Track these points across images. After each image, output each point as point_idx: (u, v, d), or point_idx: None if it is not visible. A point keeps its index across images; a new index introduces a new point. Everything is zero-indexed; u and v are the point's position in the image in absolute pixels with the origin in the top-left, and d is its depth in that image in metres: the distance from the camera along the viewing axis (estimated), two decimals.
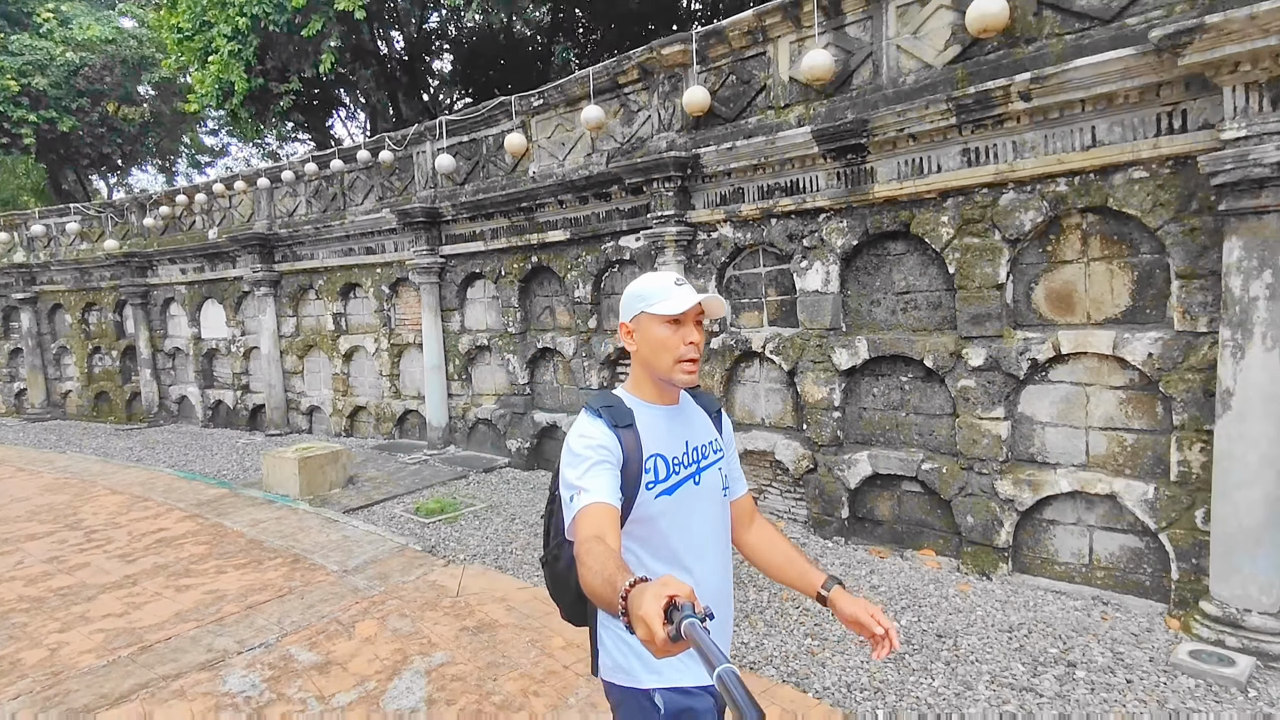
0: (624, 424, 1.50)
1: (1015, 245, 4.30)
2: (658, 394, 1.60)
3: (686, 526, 1.56)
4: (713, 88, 5.68)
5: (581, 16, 16.46)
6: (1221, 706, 3.05)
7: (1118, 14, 3.80)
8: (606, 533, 1.31)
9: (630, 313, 1.58)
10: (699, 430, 1.66)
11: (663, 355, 1.52)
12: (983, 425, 4.49)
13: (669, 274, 1.58)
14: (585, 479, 1.40)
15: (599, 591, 1.16)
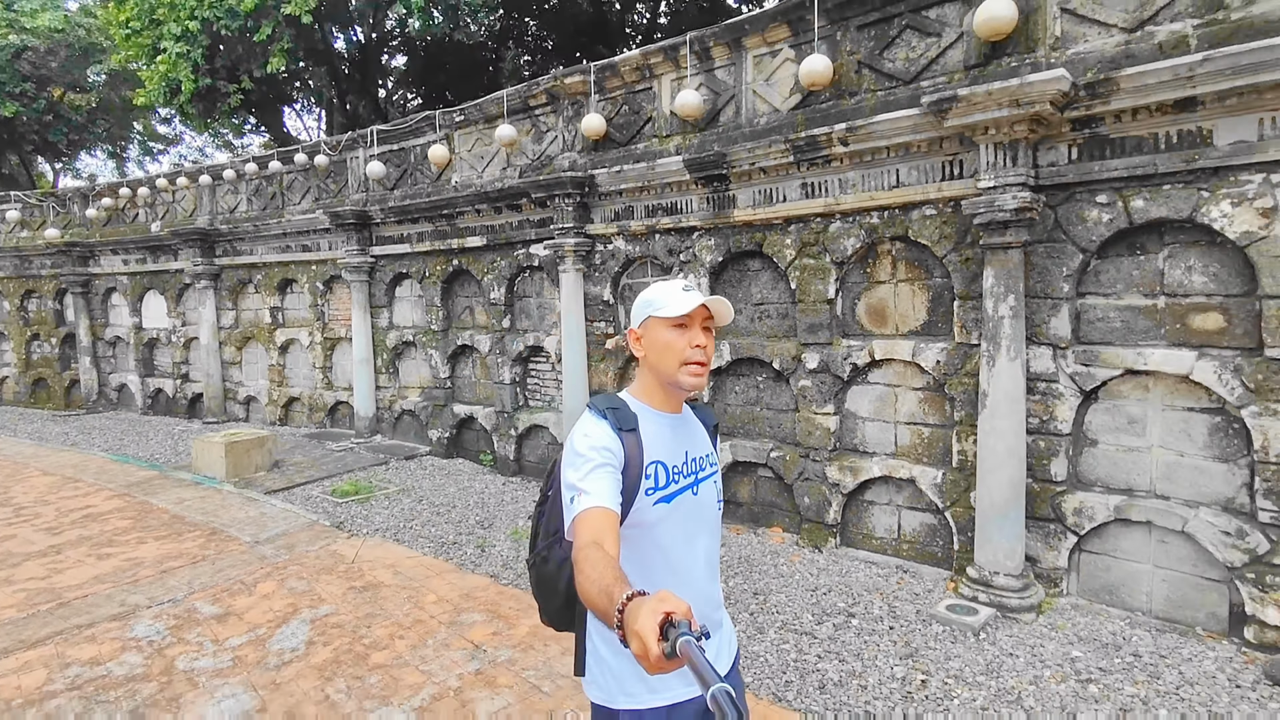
0: (628, 427, 1.51)
1: (841, 267, 5.04)
2: (663, 401, 1.61)
3: (681, 536, 1.56)
4: (609, 115, 6.34)
5: (531, 24, 17.01)
6: (954, 645, 3.80)
7: (915, 77, 4.56)
8: (606, 538, 1.31)
9: (639, 319, 1.60)
10: (698, 442, 1.67)
11: (669, 358, 1.53)
12: (817, 419, 5.23)
13: (678, 281, 1.62)
14: (587, 481, 1.40)
15: (596, 601, 1.16)
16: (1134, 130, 3.74)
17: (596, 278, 6.60)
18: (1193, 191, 3.63)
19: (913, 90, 4.55)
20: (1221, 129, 3.51)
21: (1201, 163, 3.57)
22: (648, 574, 1.52)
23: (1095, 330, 4.10)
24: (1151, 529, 3.95)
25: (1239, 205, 3.50)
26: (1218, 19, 3.51)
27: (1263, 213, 3.45)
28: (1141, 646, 3.70)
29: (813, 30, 4.90)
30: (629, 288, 6.53)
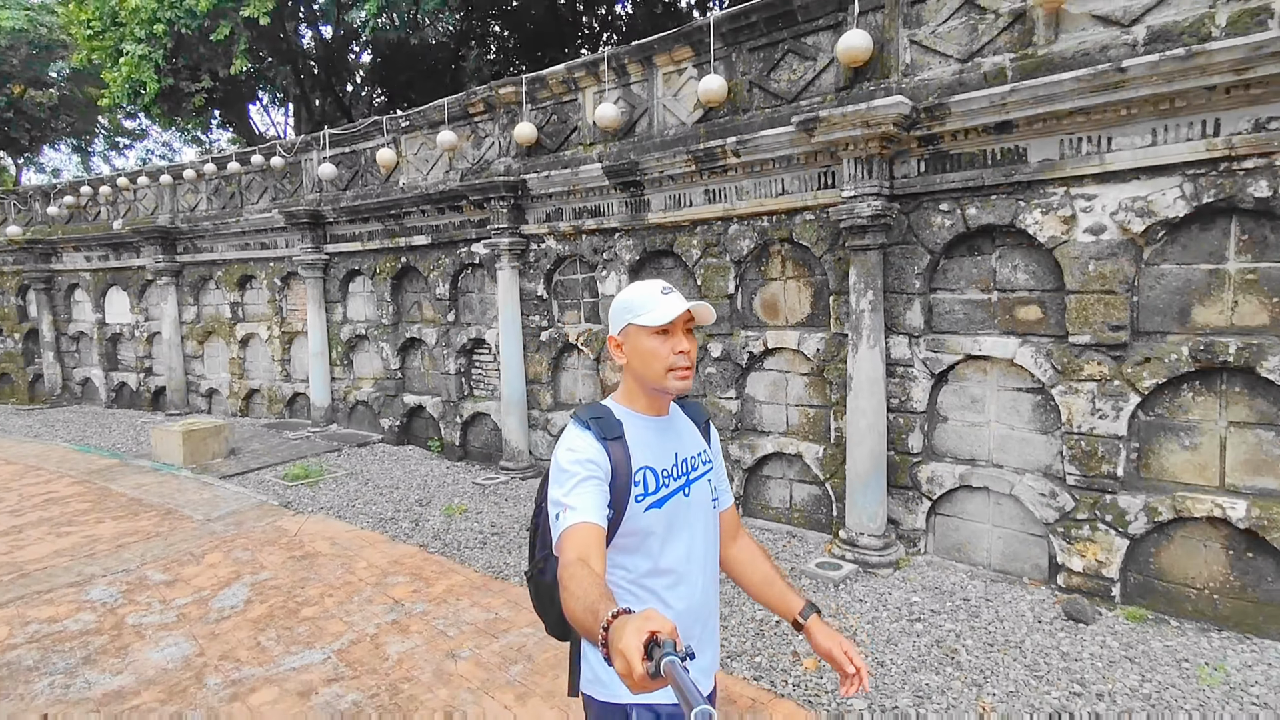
0: (613, 436, 1.49)
1: (739, 265, 5.59)
2: (648, 405, 1.59)
3: (676, 539, 1.55)
4: (540, 124, 6.84)
5: (493, 25, 17.38)
6: (814, 594, 4.37)
7: (795, 97, 5.11)
8: (591, 555, 1.31)
9: (618, 325, 1.57)
10: (688, 442, 1.65)
11: (654, 365, 1.51)
12: (721, 403, 5.79)
13: (655, 283, 1.57)
14: (571, 496, 1.39)
15: (580, 619, 1.16)
16: (967, 148, 4.33)
17: (531, 274, 7.11)
18: (1013, 201, 4.22)
19: (793, 109, 5.11)
20: (1033, 148, 4.10)
21: (1018, 177, 4.16)
22: (644, 580, 1.51)
23: (943, 321, 4.69)
24: (989, 493, 4.56)
25: (1047, 214, 4.10)
26: (1029, 54, 4.10)
27: (1064, 220, 4.05)
28: (973, 593, 4.30)
29: (710, 52, 5.44)
30: (561, 284, 7.04)
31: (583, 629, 1.17)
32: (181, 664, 3.65)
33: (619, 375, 6.07)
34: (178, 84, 12.81)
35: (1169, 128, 3.65)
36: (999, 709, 3.13)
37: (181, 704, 3.29)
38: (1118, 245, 3.89)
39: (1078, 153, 3.94)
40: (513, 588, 4.51)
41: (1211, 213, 3.66)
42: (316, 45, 16.41)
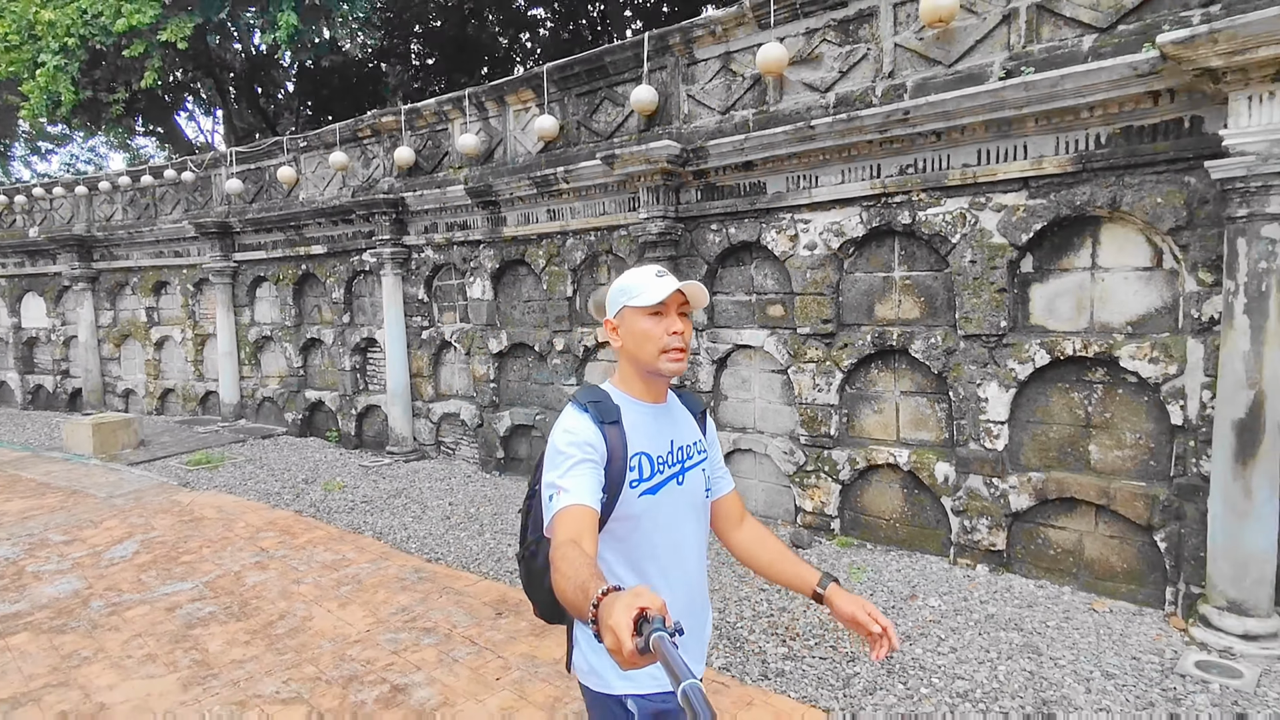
0: (610, 420, 1.50)
1: (575, 272, 6.67)
2: (645, 390, 1.60)
3: (668, 526, 1.56)
4: (418, 149, 7.82)
5: (414, 44, 18.22)
6: None
7: (609, 135, 6.23)
8: (583, 537, 1.31)
9: (614, 308, 1.59)
10: (684, 430, 1.66)
11: (647, 346, 1.52)
12: (564, 389, 6.85)
13: (650, 267, 1.59)
14: (566, 478, 1.39)
15: (571, 598, 1.17)
16: (726, 181, 5.49)
17: (413, 280, 8.06)
18: (758, 224, 5.40)
19: (608, 145, 6.22)
20: (769, 183, 5.28)
21: (760, 204, 5.34)
22: (636, 565, 1.53)
23: (721, 318, 5.85)
24: (754, 454, 5.72)
25: (780, 234, 5.29)
26: (764, 109, 5.28)
27: (790, 238, 5.24)
28: None
29: (545, 95, 6.52)
30: (439, 288, 8.02)
31: (573, 607, 1.17)
32: (71, 595, 4.51)
33: (484, 369, 7.04)
34: (96, 95, 13.30)
35: (850, 170, 4.86)
36: None
37: (68, 619, 4.16)
38: (825, 258, 5.09)
39: (797, 187, 5.13)
40: (364, 539, 5.47)
41: (880, 234, 4.88)
42: (239, 59, 16.98)
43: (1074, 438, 4.28)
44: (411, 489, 6.82)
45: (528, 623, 3.98)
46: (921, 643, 3.66)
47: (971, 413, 4.52)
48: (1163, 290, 3.93)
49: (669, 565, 1.56)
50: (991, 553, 4.51)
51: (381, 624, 4.02)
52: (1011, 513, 4.42)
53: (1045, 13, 4.09)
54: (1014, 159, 4.19)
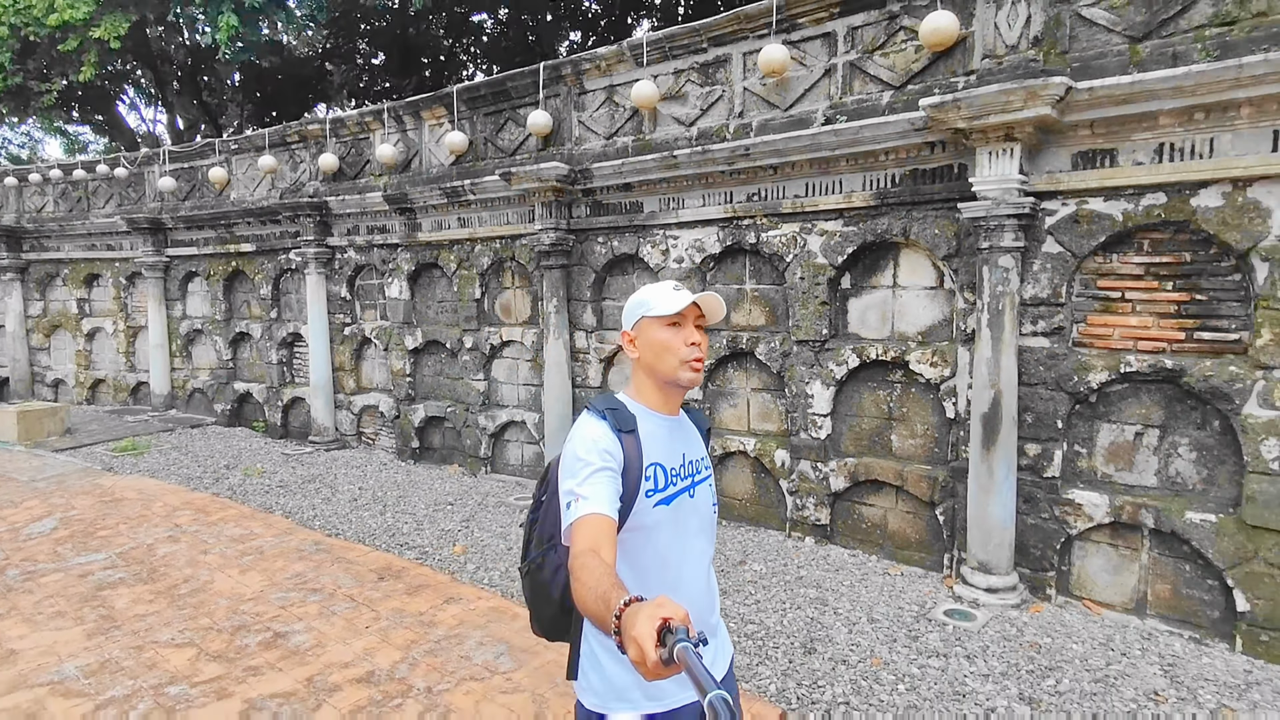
0: (627, 429, 1.51)
1: (483, 276, 7.26)
2: (660, 402, 1.62)
3: (680, 538, 1.57)
4: (342, 155, 8.30)
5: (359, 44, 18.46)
6: (511, 515, 6.05)
7: (513, 152, 6.84)
8: (603, 546, 1.31)
9: (631, 320, 1.62)
10: (694, 445, 1.69)
11: (666, 357, 1.54)
12: (473, 384, 7.44)
13: (668, 282, 1.63)
14: (585, 486, 1.40)
15: (592, 608, 1.18)
16: (610, 199, 6.15)
17: (336, 279, 8.54)
18: (636, 238, 6.08)
19: (511, 161, 6.82)
20: (646, 203, 5.96)
21: (638, 221, 6.01)
22: (646, 577, 1.53)
23: (608, 320, 6.51)
24: None
25: (654, 248, 5.97)
26: (641, 138, 5.96)
27: (662, 252, 5.92)
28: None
29: (455, 113, 7.09)
30: (361, 287, 8.52)
31: (594, 617, 1.17)
32: None
33: (401, 364, 7.55)
34: (26, 84, 13.31)
35: (709, 195, 5.56)
36: None
37: None
38: (691, 270, 5.79)
39: (668, 208, 5.82)
40: (273, 517, 5.99)
41: (734, 251, 5.60)
42: (181, 52, 17.02)
43: (880, 429, 5.05)
44: (327, 475, 7.33)
45: (404, 584, 4.58)
46: (735, 597, 4.37)
47: (802, 407, 5.27)
48: (943, 306, 4.73)
49: (680, 577, 1.57)
50: (817, 526, 5.27)
51: (275, 586, 4.58)
52: (832, 492, 5.18)
53: (856, 69, 4.85)
54: (832, 193, 4.94)
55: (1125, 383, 4.03)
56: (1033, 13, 4.05)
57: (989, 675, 3.46)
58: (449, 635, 3.88)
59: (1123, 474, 4.11)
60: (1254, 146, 3.48)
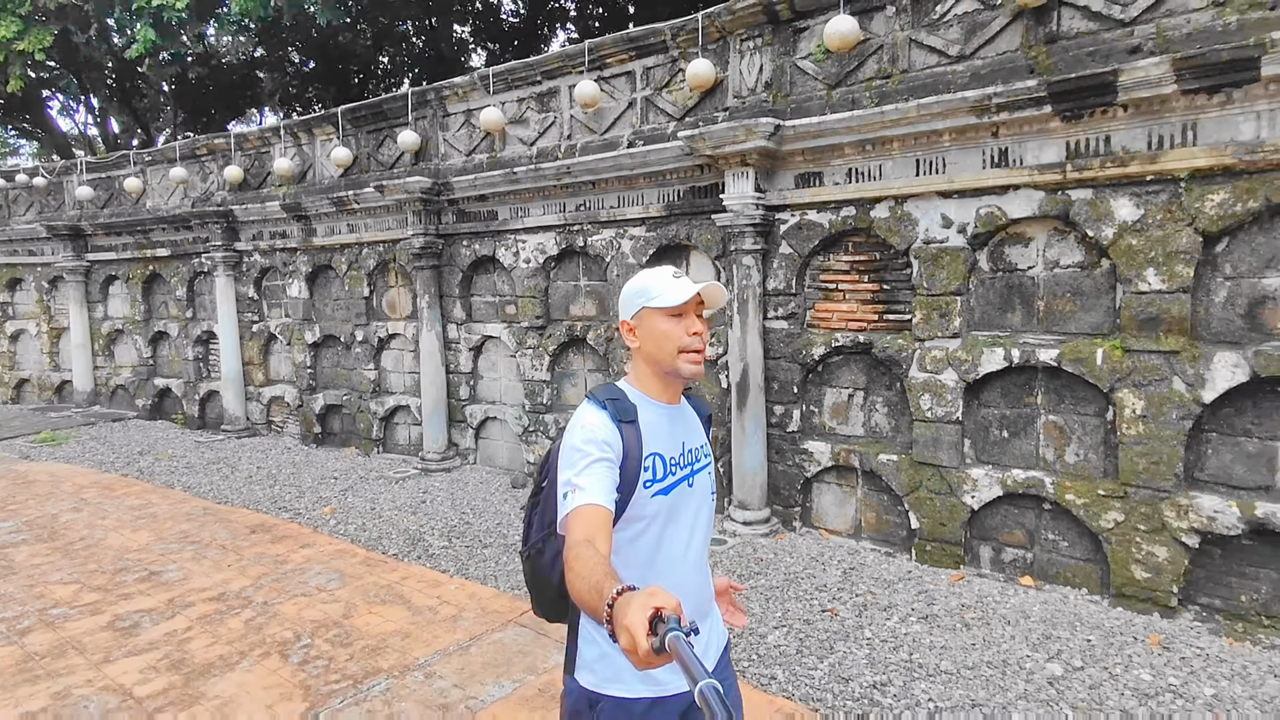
0: (627, 419, 1.52)
1: (370, 276, 8.12)
2: (661, 391, 1.62)
3: (678, 528, 1.59)
4: (246, 168, 9.07)
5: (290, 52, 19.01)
6: (388, 486, 6.93)
7: (392, 165, 7.72)
8: (598, 537, 1.32)
9: (631, 310, 1.60)
10: (694, 433, 1.69)
11: (666, 347, 1.54)
12: (365, 373, 8.29)
13: (667, 268, 1.61)
14: (582, 477, 1.41)
15: (585, 598, 1.19)
16: (471, 208, 7.08)
17: (244, 280, 9.31)
18: (494, 242, 7.02)
19: (389, 174, 7.70)
20: (499, 211, 6.90)
21: (494, 227, 6.95)
22: (643, 566, 1.55)
23: (476, 314, 7.44)
24: (500, 421, 7.34)
25: (507, 250, 6.91)
26: (493, 155, 6.90)
27: (514, 254, 6.87)
28: (490, 480, 7.01)
29: (340, 130, 7.95)
30: (267, 288, 9.30)
31: (587, 607, 1.19)
32: None
33: (302, 357, 8.38)
34: None
35: (547, 206, 6.53)
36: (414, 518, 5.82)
37: None
38: (536, 269, 6.75)
39: (517, 216, 6.77)
40: (173, 491, 6.79)
41: (569, 253, 6.58)
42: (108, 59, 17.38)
43: None
44: (232, 458, 8.12)
45: (271, 536, 5.46)
46: None
47: None
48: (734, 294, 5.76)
49: (677, 566, 1.58)
50: None
51: (160, 540, 5.41)
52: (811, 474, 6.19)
53: (650, 103, 5.87)
54: (636, 205, 5.95)
55: (839, 355, 5.12)
56: (764, 63, 5.11)
57: None
58: (295, 569, 4.78)
59: (842, 427, 5.20)
60: (905, 171, 4.58)
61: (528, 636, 3.80)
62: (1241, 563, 3.78)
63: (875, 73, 4.70)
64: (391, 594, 4.39)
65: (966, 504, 4.52)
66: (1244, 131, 3.48)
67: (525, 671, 3.46)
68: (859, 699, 3.22)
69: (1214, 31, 3.55)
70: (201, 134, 19.74)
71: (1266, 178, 3.48)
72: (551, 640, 3.71)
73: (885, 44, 4.63)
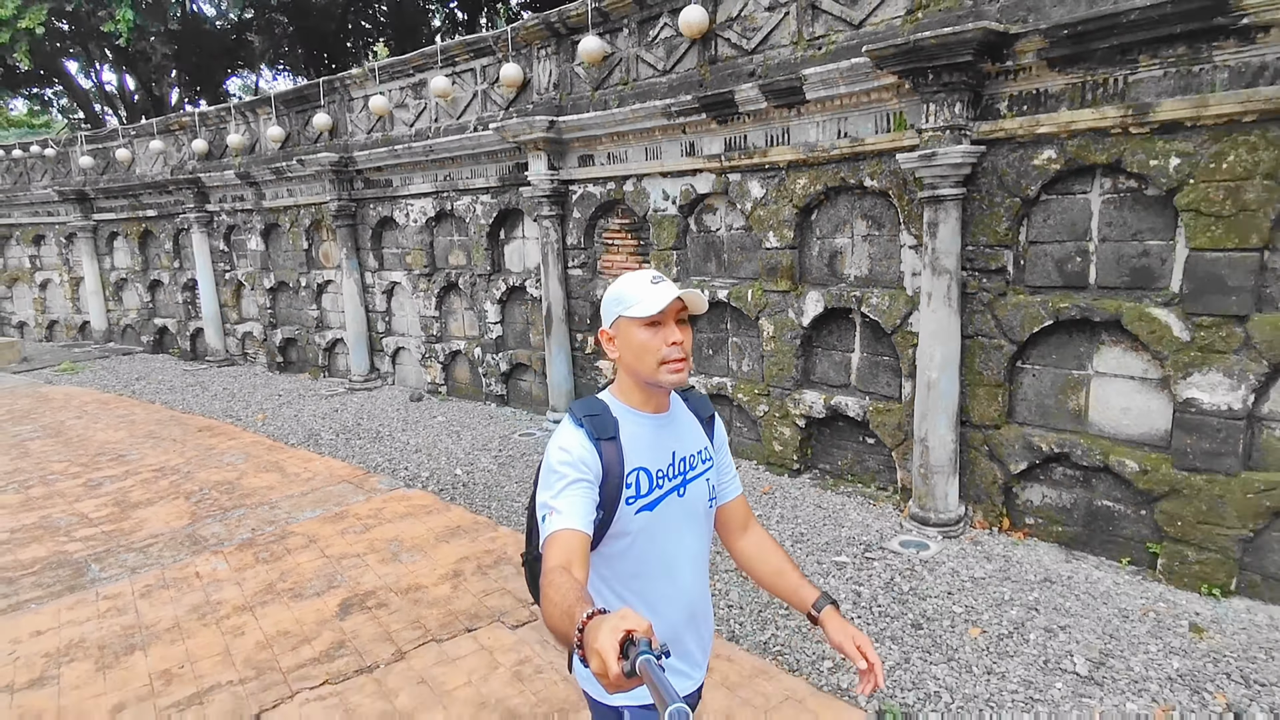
0: (606, 436, 1.47)
1: (308, 232, 9.85)
2: (645, 401, 1.55)
3: (664, 541, 1.55)
4: (210, 140, 10.76)
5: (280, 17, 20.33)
6: (321, 400, 8.84)
7: (315, 140, 9.33)
8: (573, 563, 1.31)
9: (609, 318, 1.53)
10: (688, 440, 1.62)
11: (645, 358, 1.47)
12: (309, 312, 10.14)
13: (645, 273, 1.52)
14: (559, 499, 1.38)
15: (557, 623, 1.18)
16: (374, 177, 8.70)
17: (216, 235, 11.15)
18: (391, 205, 8.65)
19: (313, 148, 9.32)
20: (394, 180, 8.50)
21: (389, 193, 8.58)
22: (630, 582, 1.53)
23: (386, 263, 9.16)
24: (407, 350, 9.14)
25: (399, 212, 8.55)
26: (386, 134, 8.46)
27: (405, 215, 8.51)
28: (400, 398, 8.88)
29: (275, 111, 9.56)
30: (235, 242, 11.13)
31: (559, 632, 1.18)
32: None
33: (263, 299, 10.31)
34: None
35: (424, 176, 8.11)
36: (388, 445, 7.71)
37: None
38: (422, 227, 8.40)
39: (405, 184, 8.38)
40: (153, 405, 8.81)
41: (443, 215, 8.19)
42: None
43: (524, 330, 7.78)
44: (208, 381, 10.13)
45: (211, 433, 7.41)
46: (422, 435, 7.18)
47: (483, 318, 7.99)
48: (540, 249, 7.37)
49: (664, 581, 1.55)
50: (497, 396, 8.05)
51: (132, 436, 7.40)
52: (502, 373, 7.95)
53: (487, 96, 7.36)
54: (481, 177, 7.51)
55: None
56: (553, 68, 6.57)
57: (506, 459, 6.29)
58: (218, 453, 6.71)
59: None
60: (639, 157, 6.07)
61: (349, 488, 5.66)
62: (831, 439, 5.42)
63: (619, 80, 6.14)
64: (275, 466, 6.29)
65: None
66: (810, 135, 4.92)
67: (335, 505, 5.32)
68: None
69: (790, 63, 4.95)
70: (202, 92, 21.43)
71: (825, 169, 4.94)
72: (361, 490, 5.56)
73: (624, 57, 6.05)
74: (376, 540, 4.66)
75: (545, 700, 3.02)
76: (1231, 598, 3.64)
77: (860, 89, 4.46)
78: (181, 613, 3.85)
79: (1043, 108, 3.89)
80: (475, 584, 4.05)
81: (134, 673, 3.32)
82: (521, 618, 3.68)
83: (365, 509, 5.20)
